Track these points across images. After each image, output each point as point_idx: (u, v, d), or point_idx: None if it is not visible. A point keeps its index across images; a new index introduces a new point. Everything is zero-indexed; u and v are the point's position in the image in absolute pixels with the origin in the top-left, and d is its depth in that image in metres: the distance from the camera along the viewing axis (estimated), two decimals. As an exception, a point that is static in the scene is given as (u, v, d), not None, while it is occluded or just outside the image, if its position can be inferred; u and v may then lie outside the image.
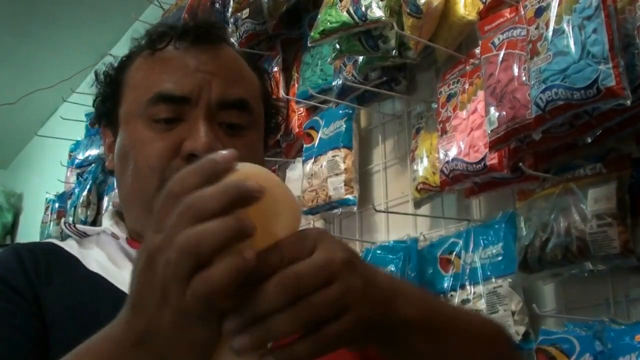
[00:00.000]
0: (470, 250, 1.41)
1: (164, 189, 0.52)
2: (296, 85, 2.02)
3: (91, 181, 3.12)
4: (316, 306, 0.50)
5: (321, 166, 1.79)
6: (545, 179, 1.27)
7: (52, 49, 3.59)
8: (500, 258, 1.34)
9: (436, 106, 1.53)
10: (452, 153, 1.40)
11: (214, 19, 1.84)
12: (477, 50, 1.41)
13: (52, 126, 4.15)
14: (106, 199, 3.02)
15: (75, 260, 0.83)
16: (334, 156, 1.77)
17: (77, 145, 3.42)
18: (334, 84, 1.82)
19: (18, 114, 3.92)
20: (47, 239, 2.13)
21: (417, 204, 1.58)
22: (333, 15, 1.59)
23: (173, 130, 0.81)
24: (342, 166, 1.74)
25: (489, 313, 1.31)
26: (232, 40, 1.94)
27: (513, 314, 1.29)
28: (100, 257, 0.83)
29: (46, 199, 3.73)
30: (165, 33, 0.86)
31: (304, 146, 1.90)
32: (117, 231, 0.86)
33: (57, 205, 3.51)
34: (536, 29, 1.16)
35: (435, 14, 1.50)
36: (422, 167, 1.54)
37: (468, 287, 1.37)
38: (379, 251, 1.60)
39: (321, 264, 0.51)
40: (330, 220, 1.94)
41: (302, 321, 0.50)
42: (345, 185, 1.73)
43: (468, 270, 1.39)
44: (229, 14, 2.15)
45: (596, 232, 1.12)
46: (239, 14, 2.13)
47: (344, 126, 1.79)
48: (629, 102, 1.04)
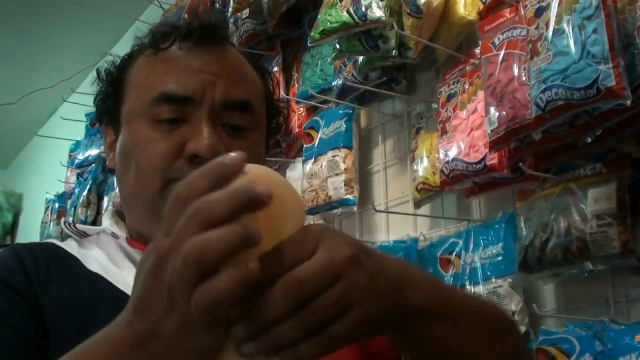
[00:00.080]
0: (470, 250, 1.41)
1: (173, 192, 0.52)
2: (296, 85, 2.02)
3: (91, 181, 3.12)
4: (320, 309, 0.50)
5: (321, 166, 1.79)
6: (545, 179, 1.27)
7: (52, 49, 3.59)
8: (500, 258, 1.34)
9: (436, 106, 1.52)
10: (452, 153, 1.40)
11: (220, 19, 1.84)
12: (477, 50, 1.41)
13: (52, 126, 4.15)
14: (106, 199, 3.02)
15: (75, 260, 0.83)
16: (334, 156, 1.77)
17: (77, 145, 3.42)
18: (334, 84, 1.82)
19: (18, 114, 3.92)
20: (47, 239, 2.13)
21: (417, 204, 1.58)
22: (333, 15, 1.59)
23: (176, 130, 0.81)
24: (342, 166, 1.74)
25: (489, 313, 1.31)
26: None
27: (513, 314, 1.29)
28: (100, 257, 0.83)
29: (46, 199, 3.73)
30: (169, 33, 0.86)
31: (304, 146, 1.90)
32: (117, 231, 0.85)
33: (57, 205, 3.51)
34: (536, 29, 1.16)
35: (435, 14, 1.50)
36: (422, 167, 1.54)
37: (468, 287, 1.37)
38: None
39: (323, 264, 0.51)
40: (330, 220, 1.94)
41: (307, 326, 0.50)
42: (345, 185, 1.72)
43: (468, 270, 1.39)
44: (229, 14, 2.15)
45: (596, 232, 1.12)
46: (239, 14, 2.13)
47: (344, 126, 1.79)
48: (629, 102, 1.04)
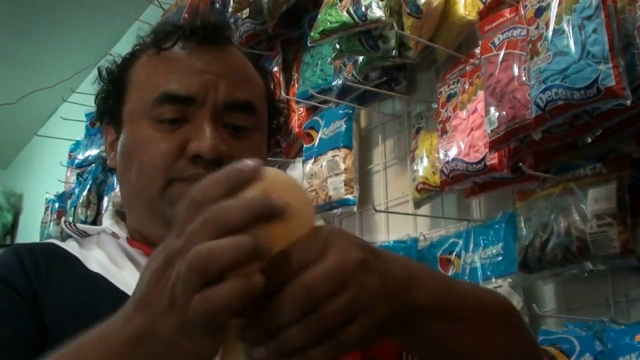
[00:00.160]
0: (470, 250, 1.41)
1: (187, 195, 0.51)
2: (296, 85, 2.02)
3: (91, 181, 3.12)
4: (329, 316, 0.49)
5: (321, 166, 1.79)
6: (545, 179, 1.27)
7: (52, 49, 3.59)
8: (500, 258, 1.34)
9: (436, 106, 1.52)
10: (452, 153, 1.40)
11: (221, 19, 1.84)
12: (477, 50, 1.41)
13: (52, 126, 4.15)
14: (106, 199, 3.02)
15: (76, 260, 0.83)
16: (334, 156, 1.77)
17: (77, 145, 3.42)
18: (334, 84, 1.82)
19: (18, 114, 3.92)
20: (47, 239, 2.13)
21: (417, 204, 1.58)
22: (333, 15, 1.59)
23: (178, 130, 0.81)
24: (342, 166, 1.74)
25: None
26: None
27: (513, 314, 1.29)
28: (100, 257, 0.83)
29: (46, 199, 3.73)
30: (172, 32, 0.86)
31: (304, 146, 1.90)
32: (118, 230, 0.85)
33: (57, 205, 3.51)
34: (536, 29, 1.16)
35: (435, 14, 1.50)
36: (422, 167, 1.54)
37: (468, 287, 1.37)
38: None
39: (332, 270, 0.50)
40: (330, 220, 1.94)
41: (317, 332, 0.49)
42: (345, 185, 1.72)
43: (468, 270, 1.39)
44: (229, 14, 2.15)
45: (596, 232, 1.12)
46: (239, 14, 2.13)
47: (344, 126, 1.79)
48: (629, 102, 1.04)
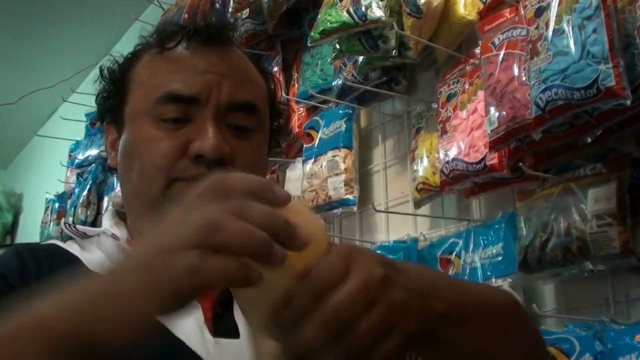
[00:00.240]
0: (470, 250, 1.41)
1: (218, 177, 0.51)
2: (296, 85, 2.02)
3: (91, 181, 3.12)
4: (362, 336, 0.49)
5: (321, 166, 1.79)
6: (545, 179, 1.27)
7: (52, 49, 3.59)
8: (500, 258, 1.34)
9: (436, 106, 1.52)
10: (452, 153, 1.40)
11: (223, 20, 1.84)
12: (477, 50, 1.41)
13: (52, 126, 4.15)
14: (106, 199, 3.02)
15: (77, 260, 0.83)
16: (334, 156, 1.77)
17: (77, 145, 3.42)
18: (334, 84, 1.82)
19: (18, 114, 3.91)
20: (47, 239, 2.13)
21: (417, 204, 1.58)
22: (333, 15, 1.59)
23: (181, 130, 0.81)
24: (342, 166, 1.74)
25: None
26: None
27: (513, 314, 1.29)
28: (101, 259, 0.83)
29: (46, 199, 3.72)
30: (176, 32, 0.86)
31: (304, 146, 1.90)
32: (117, 232, 0.85)
33: (57, 205, 3.51)
34: (536, 29, 1.16)
35: (435, 14, 1.50)
36: (422, 167, 1.54)
37: (468, 287, 1.37)
38: (379, 251, 1.60)
39: (358, 289, 0.49)
40: (330, 220, 1.94)
41: (352, 354, 0.49)
42: (345, 185, 1.72)
43: (468, 270, 1.39)
44: (229, 14, 2.15)
45: (596, 232, 1.12)
46: (239, 14, 2.13)
47: (344, 126, 1.79)
48: (629, 102, 1.04)
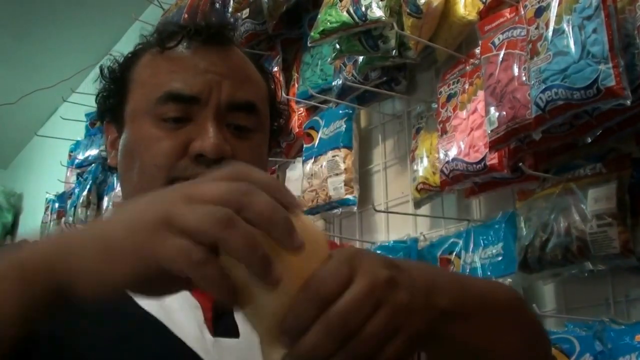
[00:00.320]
0: (470, 250, 1.41)
1: (242, 166, 0.52)
2: (296, 85, 2.02)
3: (91, 181, 3.12)
4: (368, 339, 0.49)
5: (321, 166, 1.79)
6: (545, 179, 1.27)
7: (52, 49, 3.59)
8: (500, 258, 1.34)
9: (436, 106, 1.52)
10: (452, 153, 1.40)
11: (224, 19, 1.84)
12: (477, 50, 1.41)
13: (52, 126, 4.15)
14: (106, 199, 3.02)
15: None
16: (334, 156, 1.77)
17: (77, 145, 3.42)
18: (334, 84, 1.82)
19: (18, 114, 3.91)
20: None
21: (417, 204, 1.58)
22: (333, 15, 1.59)
23: (181, 129, 0.81)
24: (342, 166, 1.74)
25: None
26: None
27: (513, 314, 1.29)
28: None
29: (46, 199, 3.72)
30: (176, 32, 0.86)
31: (304, 146, 1.90)
32: None
33: (57, 205, 3.51)
34: (536, 29, 1.16)
35: (435, 14, 1.50)
36: (422, 167, 1.54)
37: (468, 287, 1.37)
38: (379, 251, 1.60)
39: (363, 293, 0.49)
40: (330, 220, 1.94)
41: (359, 357, 0.49)
42: (345, 185, 1.72)
43: (468, 270, 1.39)
44: (229, 14, 2.15)
45: (596, 232, 1.12)
46: (239, 14, 2.13)
47: (344, 126, 1.79)
48: (629, 102, 1.04)
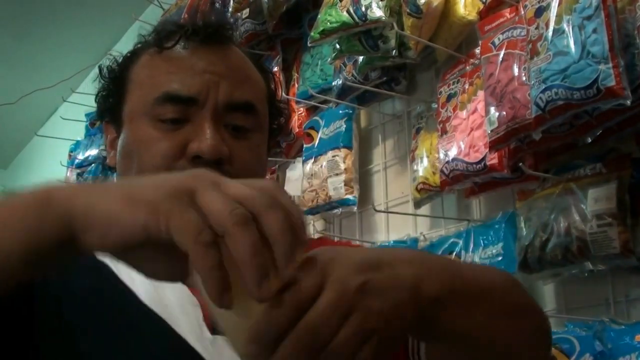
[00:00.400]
0: (470, 250, 1.41)
1: (277, 185, 0.52)
2: (296, 85, 2.02)
3: (91, 181, 3.12)
4: (340, 347, 0.48)
5: (321, 166, 1.79)
6: (545, 179, 1.27)
7: (52, 49, 3.58)
8: (500, 258, 1.34)
9: (436, 106, 1.52)
10: (452, 153, 1.40)
11: (223, 19, 1.84)
12: (477, 50, 1.41)
13: (52, 126, 4.14)
14: (106, 199, 3.02)
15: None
16: (334, 156, 1.77)
17: (77, 145, 3.41)
18: (334, 84, 1.82)
19: (18, 114, 3.91)
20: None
21: (417, 204, 1.58)
22: (333, 15, 1.59)
23: (179, 130, 0.81)
24: (342, 166, 1.74)
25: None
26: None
27: (513, 314, 1.28)
28: (100, 259, 0.83)
29: (46, 199, 3.72)
30: (174, 32, 0.86)
31: (304, 146, 1.90)
32: None
33: (57, 205, 3.51)
34: (536, 29, 1.16)
35: (435, 14, 1.50)
36: (422, 167, 1.54)
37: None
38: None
39: (332, 304, 0.48)
40: (330, 220, 1.94)
41: None
42: (345, 185, 1.72)
43: (468, 270, 1.39)
44: (229, 14, 2.15)
45: (596, 232, 1.12)
46: (239, 14, 2.13)
47: (344, 126, 1.79)
48: (629, 102, 1.04)
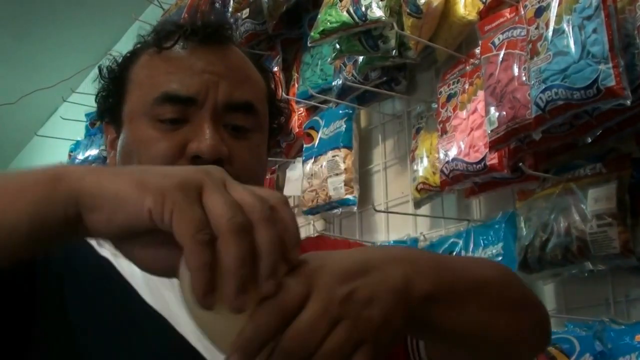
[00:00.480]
0: (470, 250, 1.41)
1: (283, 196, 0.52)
2: (296, 85, 2.02)
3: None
4: (328, 357, 0.48)
5: (321, 166, 1.79)
6: (545, 179, 1.27)
7: (52, 49, 3.59)
8: (500, 258, 1.34)
9: (436, 106, 1.52)
10: (452, 153, 1.40)
11: (222, 19, 1.84)
12: (477, 50, 1.41)
13: (52, 126, 4.15)
14: (106, 199, 3.02)
15: (89, 246, 0.82)
16: (334, 156, 1.77)
17: (77, 145, 3.41)
18: (334, 84, 1.82)
19: (18, 114, 3.91)
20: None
21: (417, 204, 1.58)
22: (333, 15, 1.59)
23: (178, 130, 0.80)
24: (342, 166, 1.74)
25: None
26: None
27: (513, 314, 1.28)
28: (104, 253, 0.83)
29: (46, 199, 3.72)
30: (173, 32, 0.85)
31: (304, 146, 1.90)
32: None
33: (57, 205, 3.51)
34: (536, 29, 1.16)
35: (435, 14, 1.50)
36: (422, 167, 1.54)
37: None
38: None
39: (317, 315, 0.49)
40: (330, 220, 1.94)
41: None
42: (345, 185, 1.73)
43: (468, 270, 1.39)
44: (229, 14, 2.15)
45: (596, 232, 1.12)
46: (239, 14, 2.13)
47: (344, 126, 1.79)
48: (629, 102, 1.04)
